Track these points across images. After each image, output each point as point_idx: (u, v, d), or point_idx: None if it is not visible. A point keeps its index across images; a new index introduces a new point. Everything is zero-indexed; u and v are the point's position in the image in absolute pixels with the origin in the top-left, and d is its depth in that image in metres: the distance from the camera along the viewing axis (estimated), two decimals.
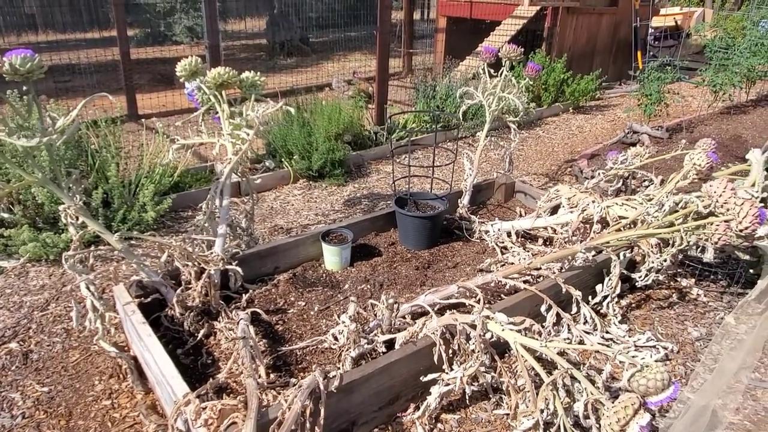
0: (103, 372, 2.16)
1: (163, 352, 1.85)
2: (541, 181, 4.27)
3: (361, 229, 2.90)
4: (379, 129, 4.79)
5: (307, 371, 2.04)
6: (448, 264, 2.76)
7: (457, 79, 5.49)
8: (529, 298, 2.24)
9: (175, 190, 3.67)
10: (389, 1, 4.85)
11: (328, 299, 2.45)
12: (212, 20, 4.80)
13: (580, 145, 5.11)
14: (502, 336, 1.73)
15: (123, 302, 2.14)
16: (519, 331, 1.71)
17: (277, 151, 4.22)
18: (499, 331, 1.74)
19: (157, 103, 6.16)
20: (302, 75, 8.37)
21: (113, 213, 3.19)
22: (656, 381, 1.48)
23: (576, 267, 2.46)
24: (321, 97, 5.02)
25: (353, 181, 4.23)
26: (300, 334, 2.24)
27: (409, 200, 2.94)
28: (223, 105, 2.72)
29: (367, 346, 1.99)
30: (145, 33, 11.84)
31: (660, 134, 4.52)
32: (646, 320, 2.51)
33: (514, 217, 3.30)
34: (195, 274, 2.32)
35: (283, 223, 3.53)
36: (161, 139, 3.72)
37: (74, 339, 2.36)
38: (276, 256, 2.64)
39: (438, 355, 1.88)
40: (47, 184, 2.01)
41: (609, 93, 7.07)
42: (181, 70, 2.70)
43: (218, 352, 2.13)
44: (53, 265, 2.93)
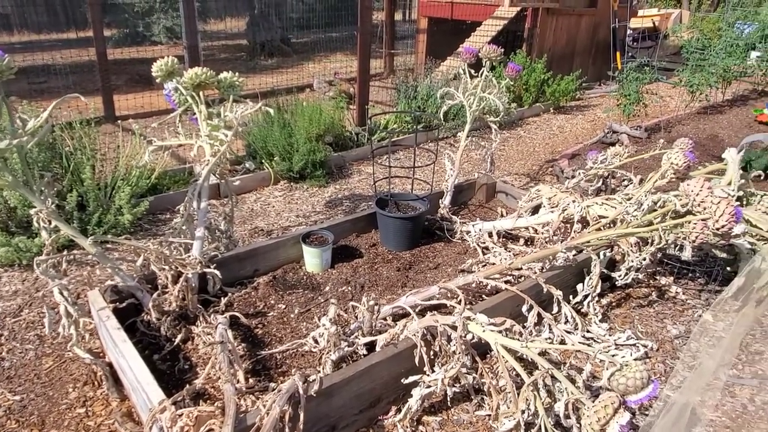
0: (77, 379, 2.11)
1: (138, 358, 1.81)
2: (522, 181, 4.29)
3: (342, 231, 2.88)
4: (360, 130, 4.77)
5: (287, 375, 2.01)
6: (430, 265, 2.75)
7: (438, 79, 5.49)
8: (511, 298, 2.24)
9: (152, 193, 3.61)
10: (370, 2, 4.83)
11: (309, 302, 2.43)
12: (190, 20, 4.73)
13: (560, 145, 5.14)
14: (483, 337, 1.73)
15: (97, 308, 2.09)
16: (500, 331, 1.71)
17: (258, 152, 4.17)
18: (479, 332, 1.73)
19: (135, 104, 6.06)
20: (283, 75, 8.31)
21: (89, 216, 3.12)
22: (635, 380, 1.48)
23: (557, 267, 2.46)
24: (302, 98, 4.98)
25: (334, 182, 4.20)
26: (280, 337, 2.21)
27: (390, 201, 2.92)
28: (200, 106, 2.68)
29: (347, 349, 1.97)
30: (123, 33, 11.66)
31: (639, 134, 4.57)
32: (626, 318, 2.52)
33: (495, 217, 3.31)
34: (172, 278, 2.28)
35: (263, 224, 3.49)
36: (138, 141, 3.66)
37: (47, 346, 2.30)
38: (256, 258, 2.61)
39: (419, 357, 1.87)
40: (18, 187, 1.95)
41: (589, 93, 7.14)
42: (157, 70, 2.65)
43: (196, 357, 2.09)
44: (26, 270, 2.85)
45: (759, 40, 6.31)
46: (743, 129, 5.36)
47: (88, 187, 3.15)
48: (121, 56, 9.14)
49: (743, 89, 7.10)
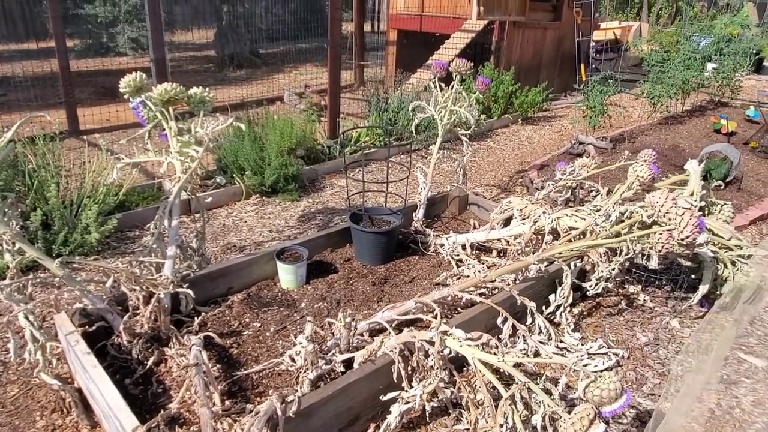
0: (44, 407, 2.04)
1: (109, 384, 1.76)
2: (493, 192, 4.35)
3: (317, 246, 2.87)
4: (332, 143, 4.77)
5: (264, 396, 1.98)
6: (405, 279, 2.76)
7: (408, 92, 5.54)
8: (486, 311, 2.26)
9: (120, 210, 3.53)
10: (339, 14, 4.85)
11: (285, 319, 2.40)
12: (157, 33, 4.67)
13: (529, 156, 5.24)
14: (461, 352, 1.74)
15: (65, 332, 2.02)
16: (477, 346, 1.72)
17: (229, 167, 4.13)
18: (456, 346, 1.75)
19: (100, 117, 5.93)
20: (253, 88, 8.26)
21: (54, 236, 3.03)
22: (609, 391, 1.52)
23: (530, 278, 2.50)
24: (273, 111, 4.96)
25: (307, 196, 4.19)
26: (256, 356, 2.19)
27: (364, 216, 2.93)
28: (170, 122, 2.64)
29: (325, 367, 1.96)
30: (87, 44, 11.42)
31: (604, 145, 4.70)
32: (597, 327, 2.58)
33: (468, 229, 3.34)
34: (143, 298, 2.23)
35: (236, 240, 3.45)
36: (104, 157, 3.58)
37: (12, 373, 2.22)
38: (229, 276, 2.57)
39: (397, 373, 1.87)
40: None
41: (555, 104, 7.31)
42: (125, 86, 2.61)
43: (170, 380, 2.04)
44: None
45: (714, 53, 6.58)
46: (702, 139, 5.57)
47: (53, 206, 3.06)
48: (85, 68, 8.95)
49: (701, 100, 7.38)
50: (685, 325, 2.67)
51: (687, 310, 2.77)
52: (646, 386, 2.22)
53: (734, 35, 7.02)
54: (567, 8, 7.60)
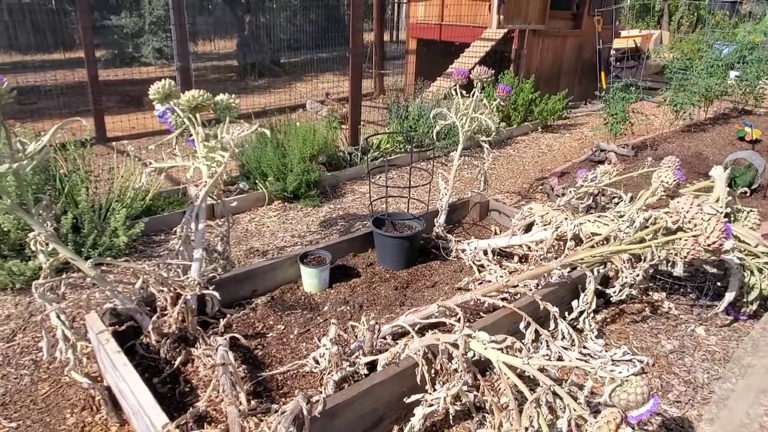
0: (74, 404, 2.09)
1: (139, 382, 1.80)
2: (513, 199, 4.34)
3: (339, 251, 2.90)
4: (353, 149, 4.81)
5: (289, 396, 2.01)
6: (427, 283, 2.77)
7: (428, 99, 5.57)
8: (508, 315, 2.26)
9: (147, 214, 3.60)
10: (360, 25, 4.92)
11: (308, 322, 2.43)
12: (182, 43, 4.79)
13: (549, 163, 5.22)
14: (485, 354, 1.74)
15: (96, 331, 2.07)
16: (501, 349, 1.73)
17: (251, 173, 4.19)
18: (481, 349, 1.75)
19: (126, 125, 6.07)
20: (274, 96, 8.37)
21: (83, 238, 3.11)
22: (636, 395, 1.51)
23: (552, 284, 2.50)
24: (295, 118, 5.03)
25: (329, 202, 4.23)
26: (280, 358, 2.21)
27: (387, 221, 2.95)
28: (197, 128, 2.70)
29: (349, 369, 1.97)
30: (113, 54, 11.69)
31: (626, 152, 4.66)
32: (621, 334, 2.56)
33: (489, 235, 3.35)
34: (171, 299, 2.27)
35: (258, 245, 3.49)
36: (132, 162, 3.67)
37: (43, 371, 2.28)
38: (253, 279, 2.61)
39: (420, 376, 1.88)
40: (16, 210, 1.95)
41: (575, 112, 7.27)
42: (155, 93, 2.68)
43: (196, 380, 2.08)
44: (19, 294, 2.83)
45: (737, 61, 6.50)
46: (726, 146, 5.50)
47: (83, 209, 3.14)
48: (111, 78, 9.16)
49: (724, 108, 7.29)
50: (711, 332, 2.63)
51: (713, 318, 2.73)
52: (671, 393, 2.20)
53: (757, 43, 6.94)
54: (587, 16, 7.59)
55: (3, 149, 1.91)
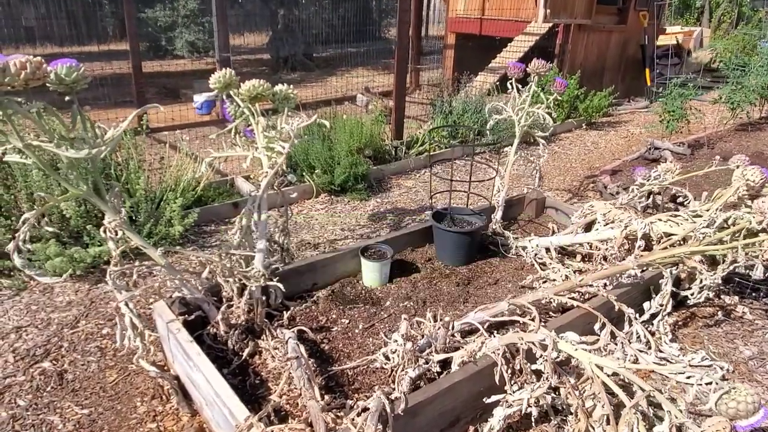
0: (144, 393, 2.08)
1: (215, 372, 1.77)
2: (564, 196, 4.24)
3: (398, 244, 2.84)
4: (398, 144, 4.75)
5: (360, 392, 1.97)
6: (489, 280, 2.71)
7: (473, 94, 5.48)
8: (582, 315, 2.18)
9: (197, 204, 3.60)
10: (407, 17, 4.85)
11: (372, 317, 2.38)
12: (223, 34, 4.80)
13: (597, 161, 5.10)
14: (575, 356, 1.67)
15: (166, 320, 2.06)
16: (593, 351, 1.66)
17: (299, 165, 4.16)
18: (571, 350, 1.68)
19: (166, 116, 6.11)
20: (310, 90, 8.35)
21: (139, 227, 3.11)
22: (747, 404, 1.43)
23: (624, 284, 2.41)
24: (341, 111, 4.99)
25: (375, 196, 4.18)
26: (347, 353, 2.17)
27: (449, 215, 2.89)
28: (257, 117, 2.67)
29: (424, 366, 1.92)
30: (147, 47, 11.82)
31: (682, 150, 4.52)
32: (695, 339, 2.46)
33: (546, 232, 3.26)
34: (237, 290, 2.25)
35: (309, 238, 3.46)
36: (184, 153, 3.67)
37: (109, 358, 2.28)
38: (314, 272, 2.58)
39: (500, 375, 1.82)
40: (91, 197, 1.94)
41: (619, 110, 7.10)
42: (215, 82, 2.65)
43: (265, 372, 2.05)
44: (79, 280, 2.84)
45: None
46: None
47: (139, 199, 3.15)
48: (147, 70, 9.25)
49: None
50: None
51: None
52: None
53: None
54: (633, 11, 7.40)
55: (83, 134, 1.90)
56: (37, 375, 2.15)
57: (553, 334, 1.72)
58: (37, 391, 2.07)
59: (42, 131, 1.81)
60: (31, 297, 2.70)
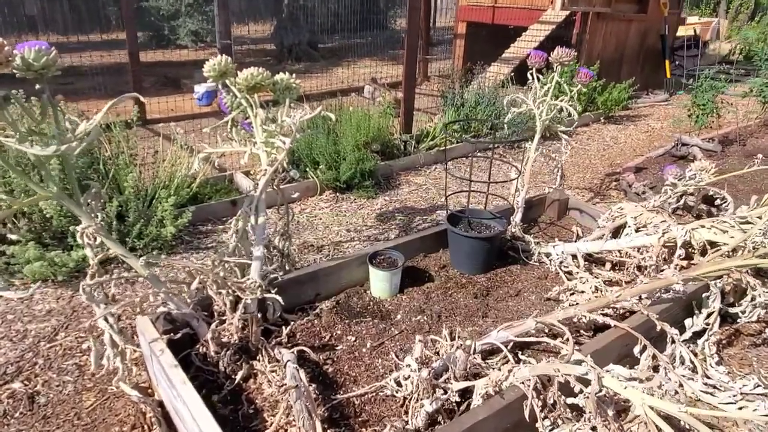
0: (123, 421, 1.84)
1: (203, 408, 1.53)
2: (585, 195, 3.97)
3: (409, 250, 2.59)
4: (407, 138, 4.48)
5: (369, 426, 1.72)
6: (510, 291, 2.45)
7: (486, 86, 5.20)
8: (621, 337, 1.93)
9: (192, 202, 3.35)
10: (418, 2, 4.56)
11: (381, 333, 2.14)
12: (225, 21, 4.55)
13: (618, 157, 4.81)
14: (625, 395, 1.42)
15: (148, 338, 1.82)
16: (646, 390, 1.40)
17: (302, 160, 3.91)
18: (619, 389, 1.43)
19: (165, 107, 5.86)
20: (315, 80, 8.07)
21: (128, 227, 2.87)
22: None
23: (665, 299, 2.15)
24: (347, 103, 4.72)
25: (383, 194, 3.92)
26: (353, 376, 1.92)
27: (467, 218, 2.63)
28: (256, 109, 2.42)
29: (442, 397, 1.67)
30: (149, 36, 11.55)
31: (712, 147, 4.23)
32: (743, 360, 2.20)
33: (570, 236, 3.00)
34: (230, 304, 2.01)
35: (312, 239, 3.21)
36: (179, 147, 3.41)
37: (87, 378, 2.04)
38: (317, 281, 2.33)
39: (530, 411, 1.57)
40: (63, 200, 1.69)
41: (637, 103, 6.78)
42: (210, 70, 2.38)
43: (260, 399, 1.80)
44: (61, 286, 2.61)
45: None
46: None
47: (129, 196, 2.90)
48: (148, 59, 9.00)
49: None
50: None
51: None
52: None
53: None
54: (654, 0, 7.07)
55: (50, 129, 1.65)
56: (5, 398, 1.91)
57: (597, 369, 1.46)
58: (4, 417, 1.83)
59: (7, 124, 1.56)
60: (7, 305, 2.46)
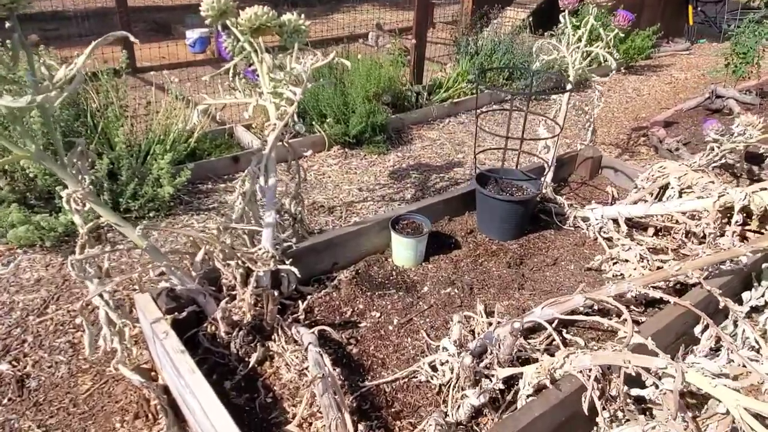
0: (125, 409, 1.64)
1: (216, 401, 1.32)
2: (613, 152, 3.71)
3: (434, 213, 2.35)
4: (420, 89, 4.17)
5: (403, 417, 1.53)
6: (546, 260, 2.23)
7: (502, 32, 4.83)
8: (681, 315, 1.72)
9: (191, 159, 3.08)
10: None
11: (408, 308, 1.92)
12: None
13: (642, 110, 4.52)
14: (714, 394, 1.21)
15: (150, 318, 1.60)
16: (739, 389, 1.20)
17: (308, 113, 3.61)
18: (707, 386, 1.22)
19: (156, 54, 5.47)
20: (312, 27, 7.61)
21: (121, 187, 2.61)
22: None
23: (725, 271, 1.94)
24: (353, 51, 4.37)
25: (395, 149, 3.64)
26: (381, 358, 1.72)
27: (497, 179, 2.38)
28: (261, 55, 2.12)
29: (488, 386, 1.47)
30: None
31: (750, 100, 3.94)
32: None
33: (604, 198, 2.76)
34: (240, 277, 1.78)
35: (322, 199, 2.97)
36: (173, 97, 3.11)
37: (83, 357, 1.83)
38: (334, 249, 2.09)
39: (589, 403, 1.38)
40: (43, 159, 1.43)
41: (659, 51, 6.40)
42: (207, 8, 2.07)
43: (279, 386, 1.60)
44: (50, 252, 2.37)
45: None
46: None
47: (120, 153, 2.63)
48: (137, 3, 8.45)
49: None
50: None
51: None
52: None
53: None
54: None
55: (24, 77, 1.37)
56: None
57: (679, 363, 1.25)
58: None
59: None
60: None
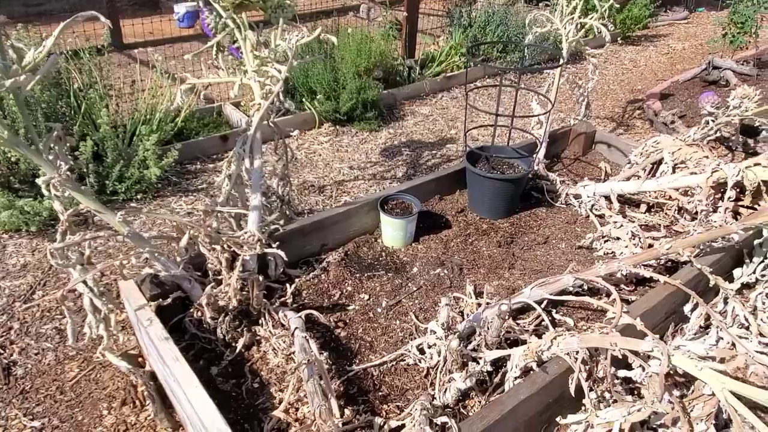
0: (112, 395, 1.64)
1: (201, 391, 1.31)
2: (607, 126, 3.66)
3: (424, 193, 2.32)
4: (412, 63, 4.08)
5: (390, 401, 1.52)
6: (537, 238, 2.21)
7: (499, 4, 4.73)
8: (671, 294, 1.71)
9: (178, 138, 3.02)
10: None
11: (397, 290, 1.91)
12: None
13: (638, 82, 4.45)
14: (700, 377, 1.21)
15: (134, 305, 1.58)
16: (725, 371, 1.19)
17: (297, 90, 3.54)
18: (693, 370, 1.21)
19: (142, 30, 5.33)
20: None
21: (107, 170, 2.57)
22: None
23: (715, 248, 1.92)
24: (344, 24, 4.27)
25: (387, 126, 3.59)
26: (369, 341, 1.71)
27: (488, 156, 2.34)
28: (245, 32, 2.07)
29: (475, 369, 1.46)
30: None
31: (747, 70, 3.87)
32: None
33: (597, 174, 2.73)
34: (226, 261, 1.75)
35: (312, 178, 2.93)
36: (159, 75, 3.04)
37: (70, 345, 1.81)
38: (323, 231, 2.07)
39: (576, 385, 1.37)
40: (18, 146, 1.39)
41: (657, 21, 6.28)
42: None
43: (266, 371, 1.60)
44: (36, 236, 2.34)
45: None
46: None
47: (105, 134, 2.58)
48: None
49: None
50: None
51: None
52: None
53: None
54: None
55: None
56: None
57: (664, 345, 1.24)
58: None
59: None
60: None
